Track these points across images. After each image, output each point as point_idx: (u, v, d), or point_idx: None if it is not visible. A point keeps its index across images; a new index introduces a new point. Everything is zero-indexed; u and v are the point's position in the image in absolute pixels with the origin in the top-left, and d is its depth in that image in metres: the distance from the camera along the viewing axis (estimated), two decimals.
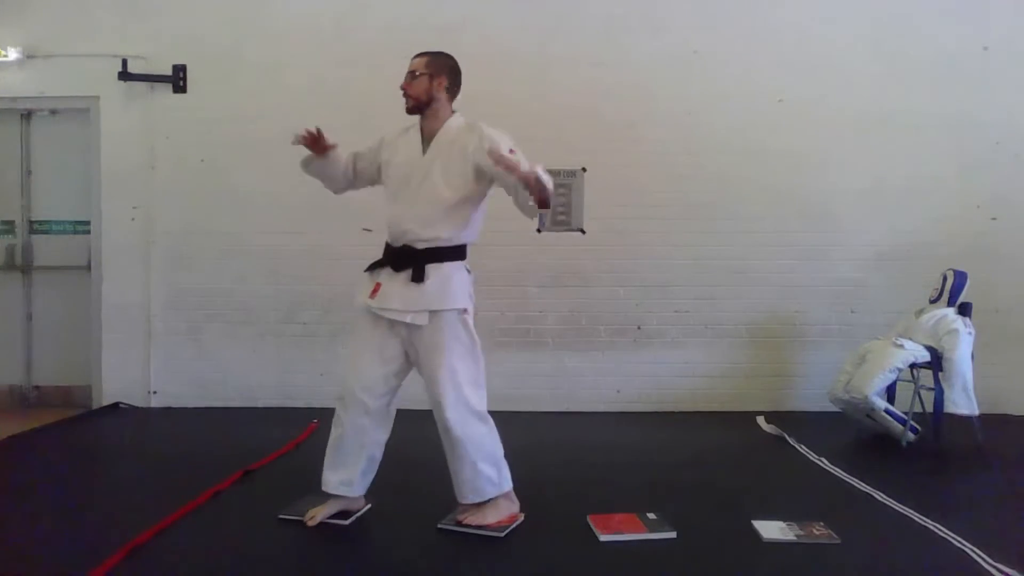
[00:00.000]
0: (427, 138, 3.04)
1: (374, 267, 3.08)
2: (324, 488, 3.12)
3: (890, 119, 5.38)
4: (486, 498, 3.03)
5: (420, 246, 2.96)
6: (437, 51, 3.07)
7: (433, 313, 2.93)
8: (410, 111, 3.04)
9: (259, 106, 5.40)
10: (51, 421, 4.92)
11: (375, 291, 3.00)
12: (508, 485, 3.08)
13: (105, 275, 5.47)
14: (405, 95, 3.02)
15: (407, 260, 2.97)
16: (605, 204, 5.36)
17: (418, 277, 2.93)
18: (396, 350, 3.04)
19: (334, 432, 3.11)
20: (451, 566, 2.79)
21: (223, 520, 3.18)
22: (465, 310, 2.99)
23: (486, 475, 3.01)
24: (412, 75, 3.01)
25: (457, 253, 3.02)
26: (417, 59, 3.04)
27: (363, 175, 3.21)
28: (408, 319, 2.93)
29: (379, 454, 3.15)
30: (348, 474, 3.10)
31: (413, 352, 3.02)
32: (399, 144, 3.09)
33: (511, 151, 2.88)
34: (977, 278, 4.74)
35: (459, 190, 2.96)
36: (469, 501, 3.03)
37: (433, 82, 3.00)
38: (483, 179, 2.96)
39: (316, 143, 3.06)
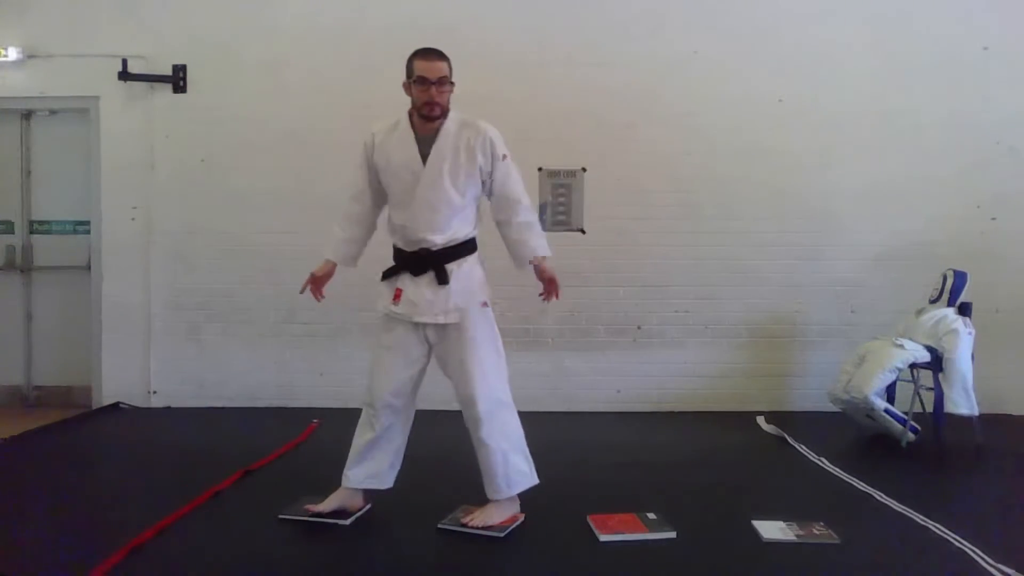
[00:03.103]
0: (423, 139, 2.97)
1: (390, 273, 3.07)
2: (345, 484, 3.13)
3: (890, 119, 5.38)
4: (519, 490, 3.04)
5: (437, 248, 2.96)
6: (442, 51, 2.97)
7: (462, 310, 2.96)
8: (434, 120, 2.93)
9: (259, 106, 5.40)
10: (51, 421, 4.92)
11: (397, 296, 3.01)
12: (536, 478, 3.09)
13: (105, 275, 5.47)
14: (433, 104, 2.90)
15: (427, 263, 2.97)
16: (605, 204, 5.36)
17: (443, 279, 2.95)
18: (420, 351, 3.06)
19: (364, 435, 3.11)
20: (451, 566, 2.79)
21: (223, 520, 3.18)
22: (486, 303, 3.03)
23: (518, 467, 3.03)
24: (443, 82, 2.90)
25: (471, 246, 3.05)
26: (442, 62, 2.91)
27: (379, 193, 3.12)
28: (441, 320, 2.96)
29: (404, 444, 3.19)
30: (376, 467, 3.12)
31: (440, 350, 3.03)
32: (391, 145, 3.00)
33: (504, 156, 2.99)
34: (977, 278, 4.74)
35: (467, 193, 2.98)
36: (502, 495, 3.02)
37: (452, 88, 2.97)
38: (487, 179, 3.01)
39: (321, 283, 3.17)
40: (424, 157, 2.96)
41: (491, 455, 2.98)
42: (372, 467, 3.12)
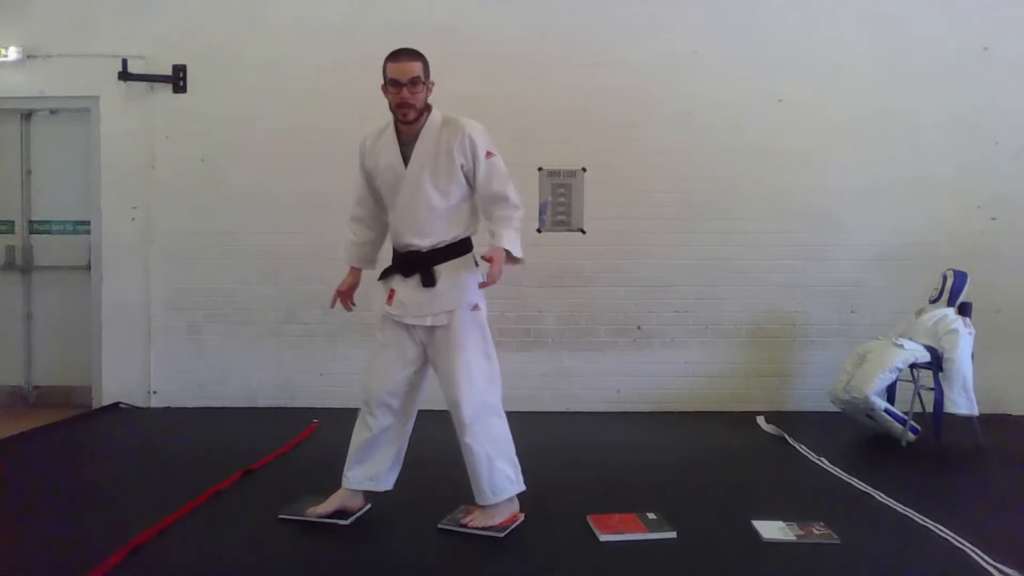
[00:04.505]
0: (405, 141, 2.94)
1: (386, 274, 3.07)
2: (346, 485, 3.12)
3: (890, 119, 5.38)
4: (505, 497, 3.02)
5: (425, 250, 2.95)
6: (415, 49, 2.90)
7: (449, 312, 2.94)
8: (411, 123, 2.90)
9: (259, 106, 5.40)
10: (51, 421, 4.92)
11: (390, 297, 3.01)
12: (522, 485, 3.07)
13: (105, 275, 5.48)
14: (407, 106, 2.85)
15: (415, 265, 2.96)
16: (605, 204, 5.36)
17: (429, 281, 2.94)
18: (415, 352, 3.05)
19: (361, 434, 3.11)
20: (451, 566, 2.79)
21: (223, 520, 3.18)
22: (477, 306, 2.99)
23: (504, 473, 3.00)
24: (415, 83, 2.83)
25: (463, 247, 3.01)
26: (413, 63, 2.84)
27: (379, 196, 3.10)
28: (428, 322, 2.95)
29: (405, 446, 3.19)
30: (375, 468, 3.12)
31: (431, 352, 3.03)
32: (379, 149, 3.00)
33: (488, 153, 2.92)
34: (977, 278, 4.74)
35: (452, 195, 2.93)
36: (488, 501, 3.00)
37: (428, 87, 2.92)
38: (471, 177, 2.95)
39: (348, 295, 3.20)
40: (407, 160, 2.93)
41: (476, 460, 2.96)
42: (371, 468, 3.12)
